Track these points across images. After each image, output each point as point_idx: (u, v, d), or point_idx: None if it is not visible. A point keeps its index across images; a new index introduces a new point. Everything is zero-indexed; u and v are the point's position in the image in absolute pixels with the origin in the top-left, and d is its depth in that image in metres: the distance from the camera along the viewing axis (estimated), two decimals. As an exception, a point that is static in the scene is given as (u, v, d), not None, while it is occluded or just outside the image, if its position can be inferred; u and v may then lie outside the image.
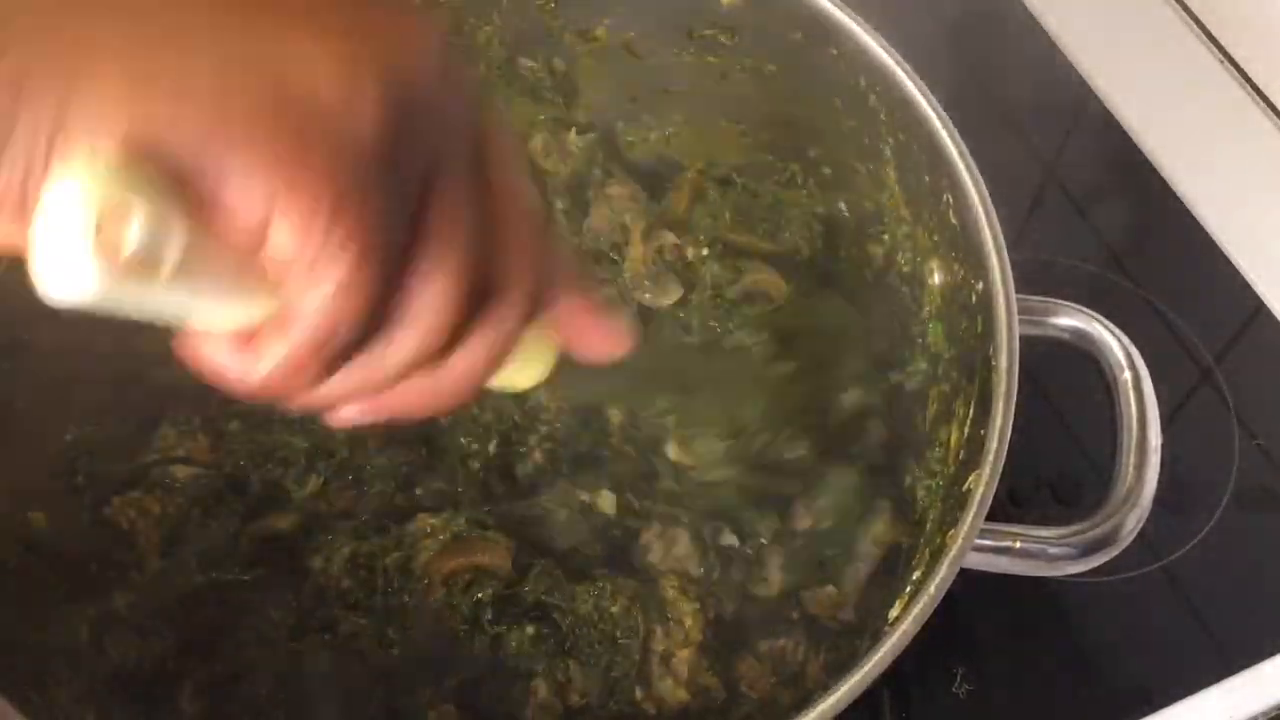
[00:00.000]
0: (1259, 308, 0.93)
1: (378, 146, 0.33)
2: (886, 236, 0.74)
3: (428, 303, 0.35)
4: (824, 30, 0.69)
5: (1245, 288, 0.94)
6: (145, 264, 0.30)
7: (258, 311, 0.34)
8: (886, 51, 0.67)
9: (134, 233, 0.29)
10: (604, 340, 0.43)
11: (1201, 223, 0.97)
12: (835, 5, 0.68)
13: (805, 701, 0.53)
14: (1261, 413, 0.89)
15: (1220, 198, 0.97)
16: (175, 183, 0.31)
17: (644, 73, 0.78)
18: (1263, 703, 0.78)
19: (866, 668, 0.53)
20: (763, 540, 0.72)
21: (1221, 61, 1.04)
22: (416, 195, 0.35)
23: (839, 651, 0.69)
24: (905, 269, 0.73)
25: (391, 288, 0.35)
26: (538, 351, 0.43)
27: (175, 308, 0.33)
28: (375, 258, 0.33)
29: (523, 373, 0.44)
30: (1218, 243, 0.96)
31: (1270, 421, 0.88)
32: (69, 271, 0.29)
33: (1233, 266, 0.95)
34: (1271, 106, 1.02)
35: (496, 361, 0.39)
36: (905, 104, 0.67)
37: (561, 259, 0.41)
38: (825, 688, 0.54)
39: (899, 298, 0.73)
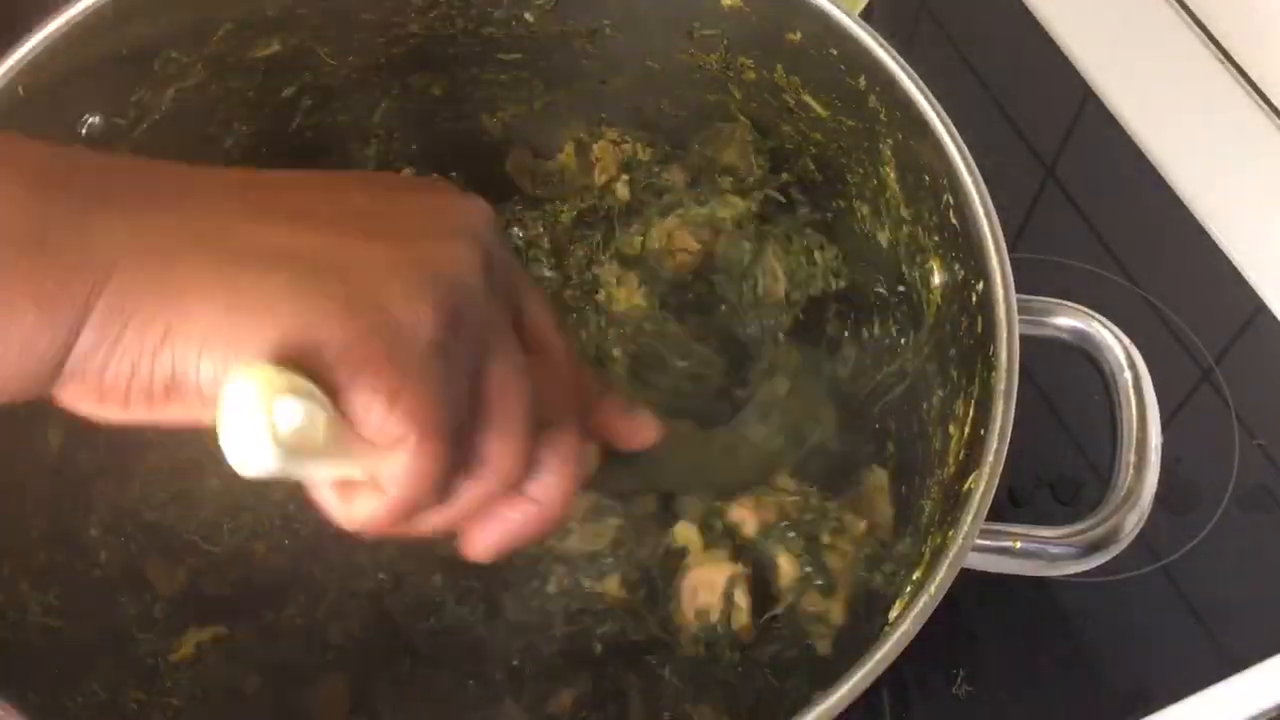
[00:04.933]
0: (1259, 308, 0.93)
1: (433, 341, 0.39)
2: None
3: (495, 454, 0.42)
4: (824, 30, 0.69)
5: (1245, 288, 0.94)
6: (303, 442, 0.37)
7: (357, 469, 0.41)
8: (886, 51, 0.67)
9: (293, 419, 0.36)
10: (637, 434, 0.53)
11: (1201, 222, 0.97)
12: (835, 5, 0.68)
13: (805, 701, 0.53)
14: (1262, 413, 0.89)
15: (1220, 197, 0.97)
16: (314, 379, 0.37)
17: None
18: (1263, 703, 0.78)
19: (866, 668, 0.53)
20: None
21: (1222, 61, 1.04)
22: (470, 374, 0.41)
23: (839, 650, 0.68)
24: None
25: (461, 450, 0.41)
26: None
27: (318, 470, 0.40)
28: (437, 432, 0.39)
29: None
30: (1218, 242, 0.96)
31: (1270, 422, 0.88)
32: (252, 452, 0.36)
33: (1233, 266, 0.95)
34: (1272, 106, 1.02)
35: (573, 480, 0.46)
36: (905, 104, 0.66)
37: (595, 387, 0.50)
38: (826, 687, 0.54)
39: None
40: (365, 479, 0.41)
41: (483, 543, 0.46)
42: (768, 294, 0.79)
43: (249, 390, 0.35)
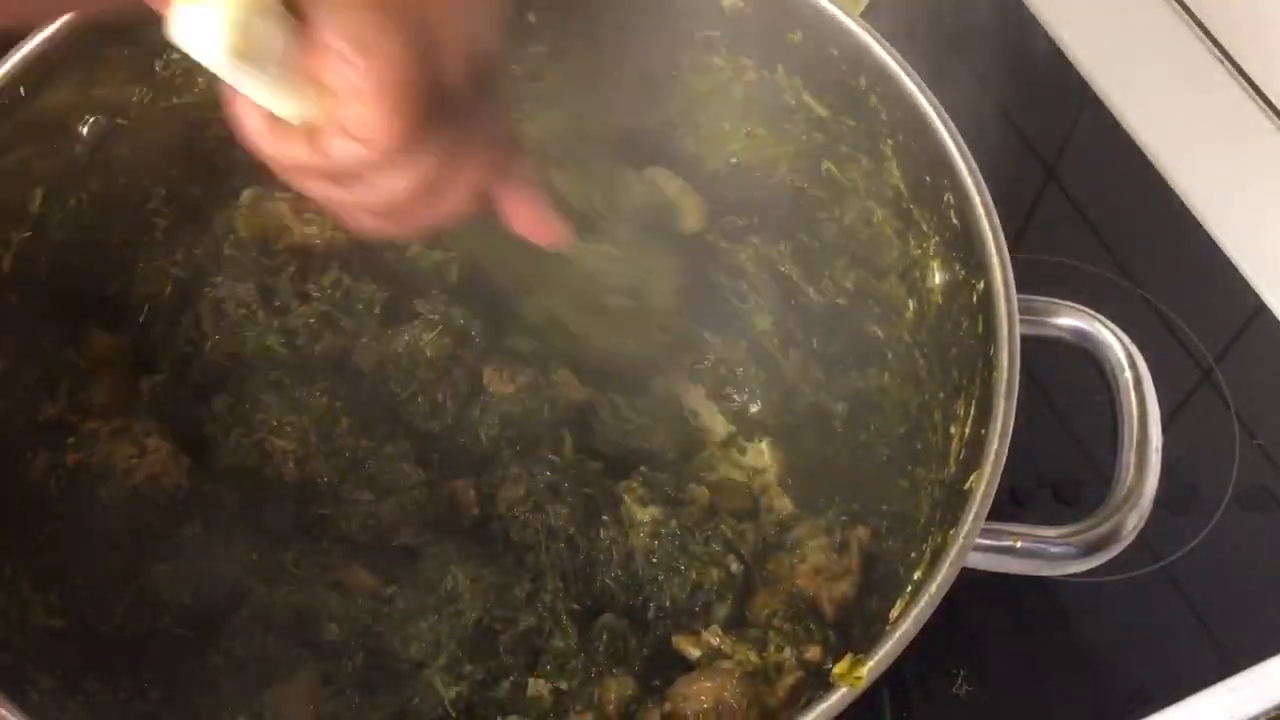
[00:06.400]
0: (1259, 308, 0.93)
1: (451, 89, 0.46)
2: None
3: (401, 184, 0.48)
4: (824, 30, 0.69)
5: (1245, 287, 0.94)
6: (250, 57, 0.42)
7: (304, 114, 0.45)
8: (887, 51, 0.67)
9: (253, 34, 0.42)
10: (539, 228, 0.58)
11: (1201, 222, 0.97)
12: (835, 5, 0.69)
13: (806, 701, 0.53)
14: (1262, 412, 0.89)
15: (1220, 197, 0.97)
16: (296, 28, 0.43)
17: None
18: (1263, 703, 0.78)
19: (867, 666, 0.53)
20: None
21: (1221, 61, 1.04)
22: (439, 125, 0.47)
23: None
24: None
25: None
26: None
27: (255, 87, 0.44)
28: (391, 155, 0.45)
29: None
30: (1218, 242, 0.96)
31: (1270, 421, 0.88)
32: (203, 43, 0.41)
33: (1233, 266, 0.95)
34: (1271, 106, 1.02)
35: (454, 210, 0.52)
36: (906, 104, 0.67)
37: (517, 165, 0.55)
38: (826, 687, 0.54)
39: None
40: (309, 121, 0.45)
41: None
42: None
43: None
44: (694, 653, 0.68)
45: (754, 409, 0.84)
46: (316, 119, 0.45)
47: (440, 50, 0.45)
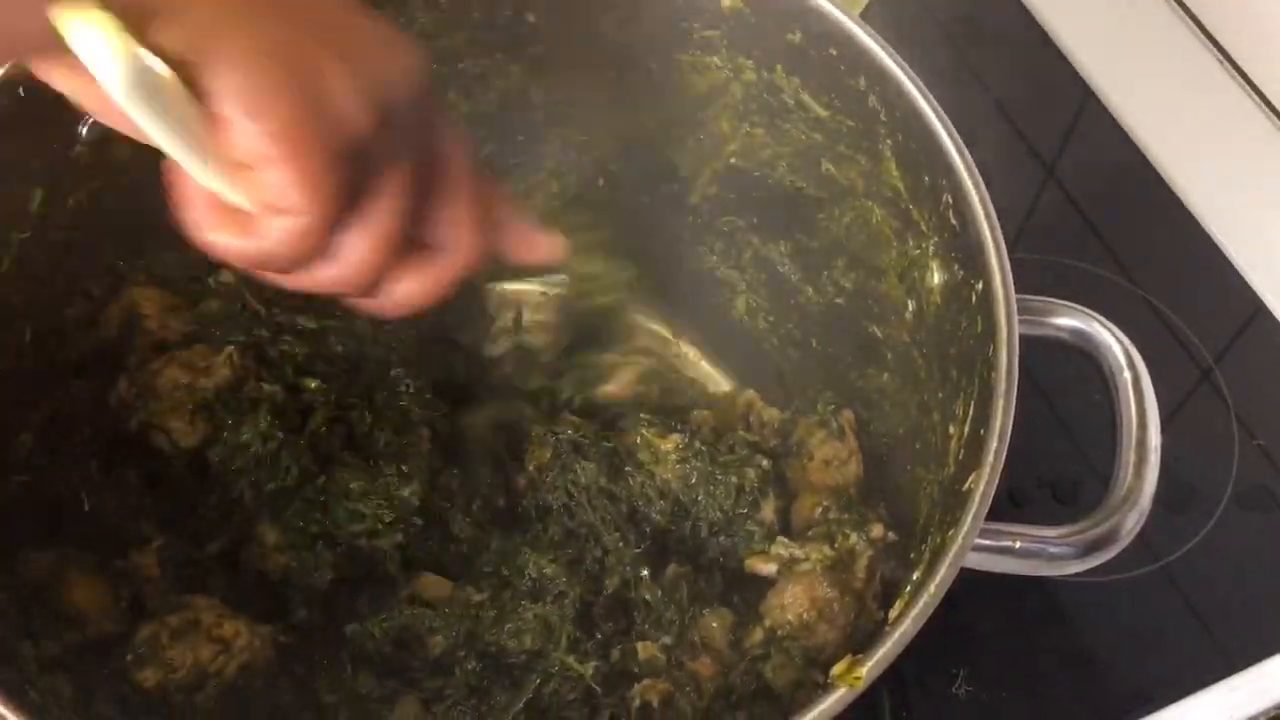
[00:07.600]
0: (1258, 308, 0.93)
1: (361, 138, 0.44)
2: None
3: (357, 251, 0.47)
4: (823, 30, 0.69)
5: (1245, 288, 0.94)
6: (150, 88, 0.41)
7: (230, 193, 0.45)
8: (886, 52, 0.67)
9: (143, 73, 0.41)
10: (538, 250, 0.58)
11: (1201, 223, 0.97)
12: (834, 5, 0.69)
13: (805, 701, 0.53)
14: (1261, 412, 0.89)
15: (1220, 198, 0.98)
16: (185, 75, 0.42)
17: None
18: (1263, 702, 0.78)
19: (866, 667, 0.53)
20: None
21: (1221, 61, 1.04)
22: (374, 178, 0.46)
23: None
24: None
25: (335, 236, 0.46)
26: None
27: (175, 146, 0.43)
28: (326, 221, 0.44)
29: None
30: (1217, 243, 0.96)
31: (1270, 421, 0.88)
32: (98, 59, 0.40)
33: (1232, 266, 0.95)
34: (1271, 106, 1.02)
35: (426, 296, 0.51)
36: (904, 104, 0.66)
37: (502, 217, 0.55)
38: (825, 687, 0.54)
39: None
40: (243, 205, 0.44)
41: (391, 298, 0.51)
42: None
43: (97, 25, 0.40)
44: (769, 568, 0.70)
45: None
46: (248, 203, 0.44)
47: (340, 94, 0.44)
